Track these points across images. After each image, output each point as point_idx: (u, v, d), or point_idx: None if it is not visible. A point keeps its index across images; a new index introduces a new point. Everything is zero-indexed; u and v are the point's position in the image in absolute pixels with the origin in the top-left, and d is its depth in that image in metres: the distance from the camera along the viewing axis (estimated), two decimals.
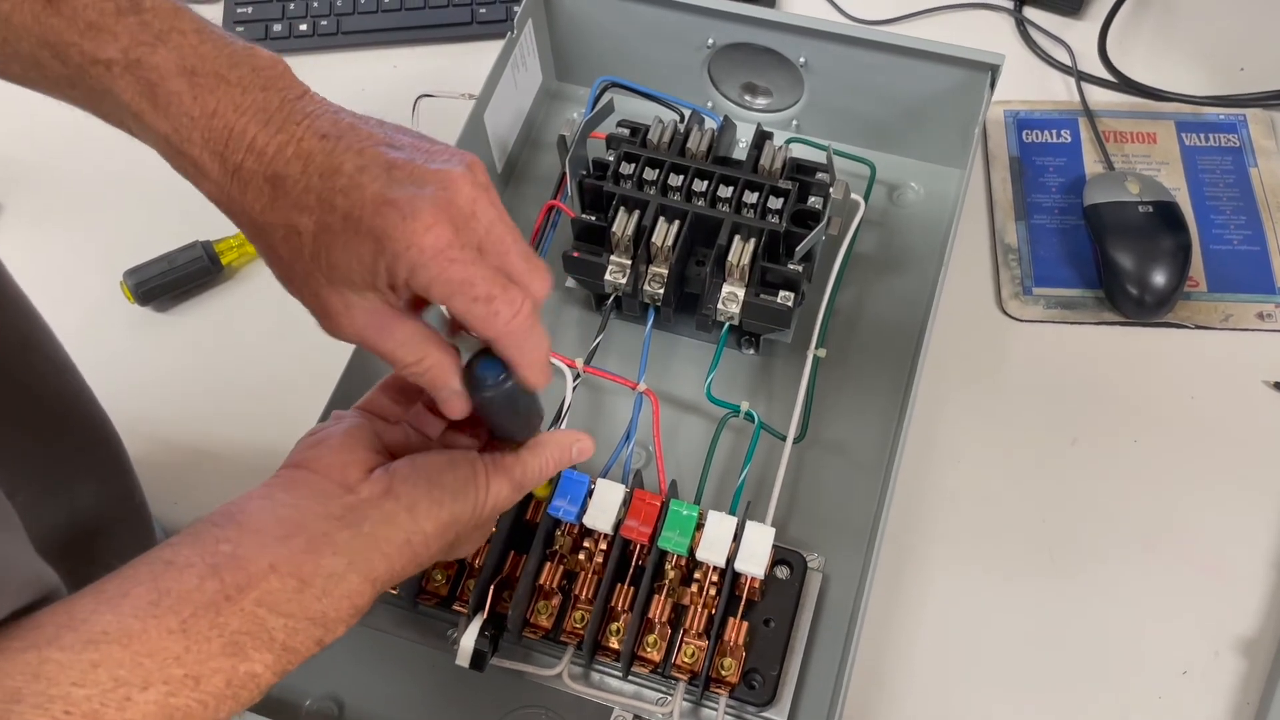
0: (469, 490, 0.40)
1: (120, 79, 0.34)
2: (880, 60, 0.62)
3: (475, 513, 0.40)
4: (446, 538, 0.40)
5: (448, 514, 0.39)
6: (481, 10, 0.79)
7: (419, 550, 0.39)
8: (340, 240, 0.34)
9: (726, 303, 0.57)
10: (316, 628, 0.36)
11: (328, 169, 0.34)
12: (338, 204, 0.34)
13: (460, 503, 0.40)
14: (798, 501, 0.58)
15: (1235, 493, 0.58)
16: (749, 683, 0.51)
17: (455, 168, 0.35)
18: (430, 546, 0.39)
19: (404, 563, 0.39)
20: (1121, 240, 0.63)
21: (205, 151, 0.34)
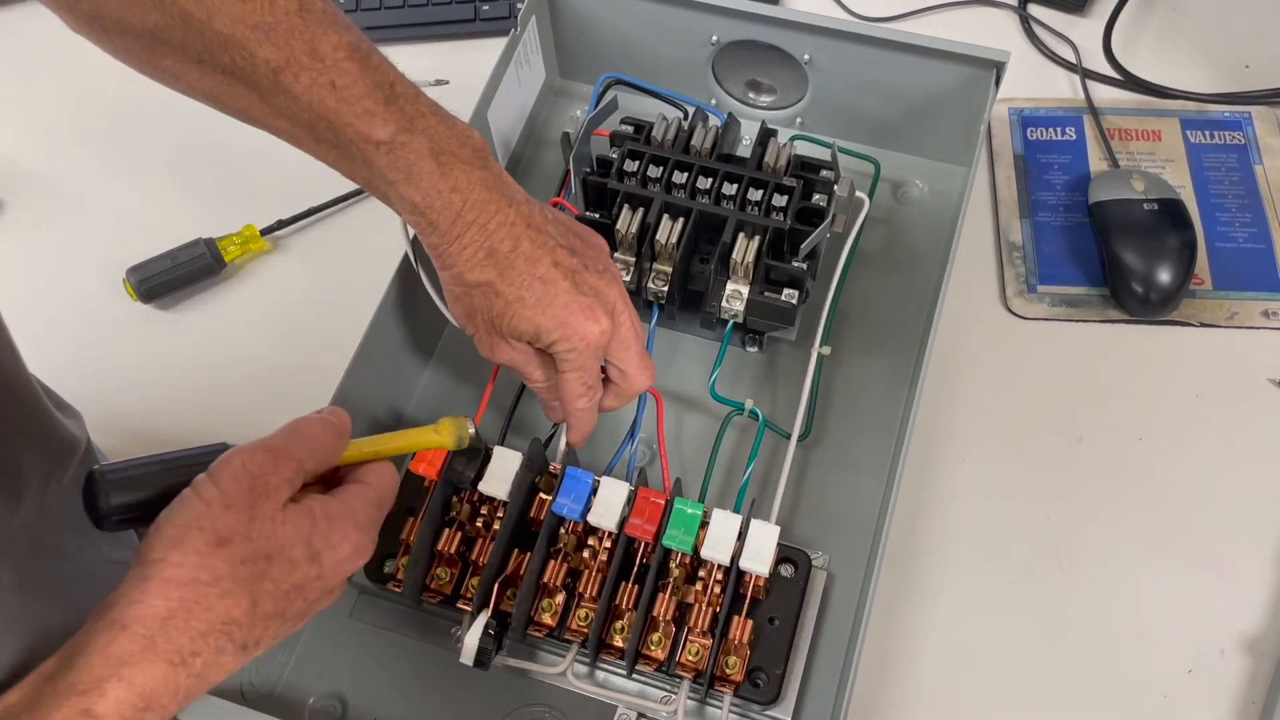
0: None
1: (385, 157, 0.44)
2: (885, 58, 0.62)
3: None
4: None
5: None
6: (485, 7, 0.79)
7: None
8: (529, 313, 0.47)
9: (731, 300, 0.57)
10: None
11: (531, 257, 0.47)
12: (535, 288, 0.47)
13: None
14: (802, 500, 0.58)
15: (1241, 491, 0.58)
16: (754, 681, 0.51)
17: (614, 283, 0.49)
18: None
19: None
20: (1126, 238, 0.63)
21: (443, 215, 0.45)
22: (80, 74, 0.80)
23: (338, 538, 0.40)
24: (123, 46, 0.44)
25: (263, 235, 0.69)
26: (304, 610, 0.40)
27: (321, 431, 0.42)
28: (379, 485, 0.43)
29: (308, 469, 0.40)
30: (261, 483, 0.38)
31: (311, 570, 0.39)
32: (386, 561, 0.54)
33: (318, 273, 0.70)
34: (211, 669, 0.36)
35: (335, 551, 0.40)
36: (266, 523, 0.38)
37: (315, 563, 0.39)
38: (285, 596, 0.38)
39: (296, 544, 0.38)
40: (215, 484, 0.38)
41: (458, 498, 0.54)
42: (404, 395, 0.62)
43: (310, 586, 0.39)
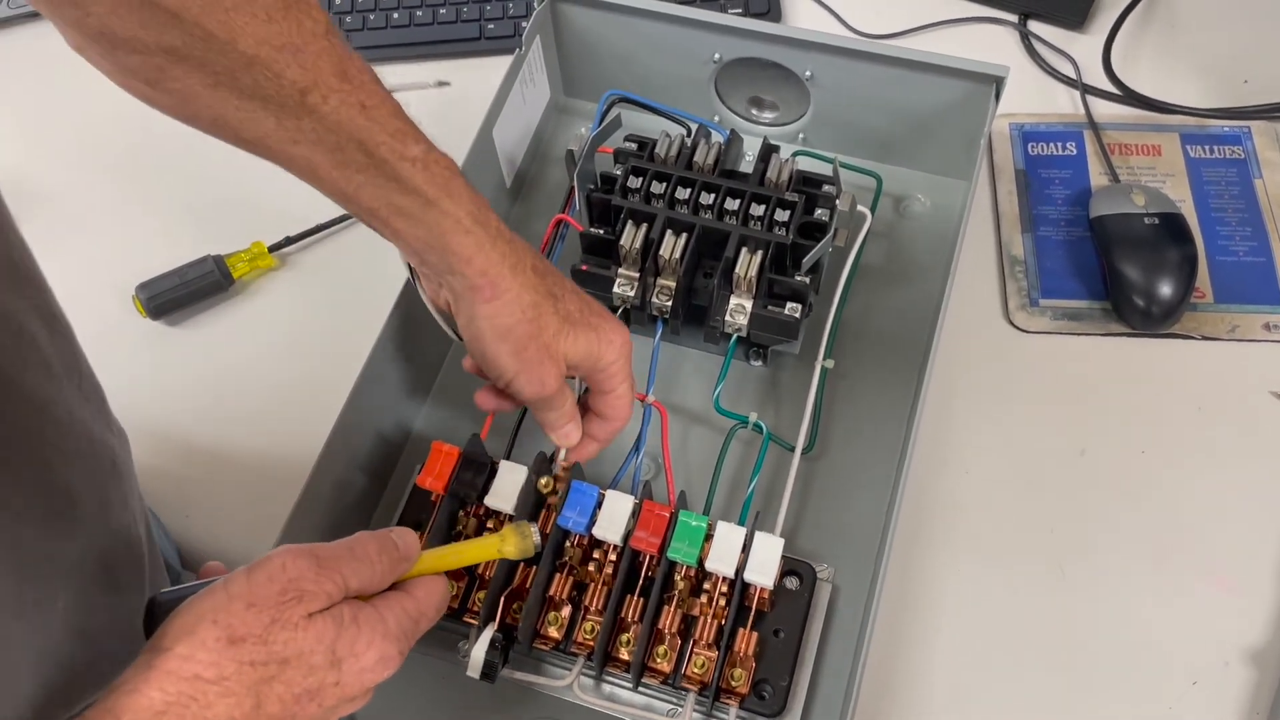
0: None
1: (422, 173, 0.44)
2: (886, 74, 0.63)
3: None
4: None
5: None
6: (490, 26, 0.80)
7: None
8: (583, 327, 0.49)
9: (734, 314, 0.58)
10: None
11: (560, 276, 0.50)
12: (577, 302, 0.50)
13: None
14: (807, 512, 0.58)
15: (1244, 503, 0.58)
16: (759, 693, 0.51)
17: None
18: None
19: None
20: (1127, 252, 0.64)
21: (490, 226, 0.46)
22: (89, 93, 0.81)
23: (363, 646, 0.38)
24: (130, 66, 0.41)
25: (271, 252, 0.70)
26: (320, 717, 0.38)
27: (377, 554, 0.40)
28: (422, 599, 0.42)
29: (351, 587, 0.39)
30: (295, 588, 0.37)
31: (330, 676, 0.37)
32: None
33: (325, 289, 0.70)
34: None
35: (358, 660, 0.38)
36: (288, 629, 0.36)
37: (335, 669, 0.37)
38: (296, 701, 0.37)
39: (318, 650, 0.37)
40: (247, 579, 0.37)
41: (464, 512, 0.55)
42: (411, 410, 0.63)
43: (327, 693, 0.37)
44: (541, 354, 0.48)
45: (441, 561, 0.45)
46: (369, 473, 0.59)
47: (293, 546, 0.38)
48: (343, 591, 0.38)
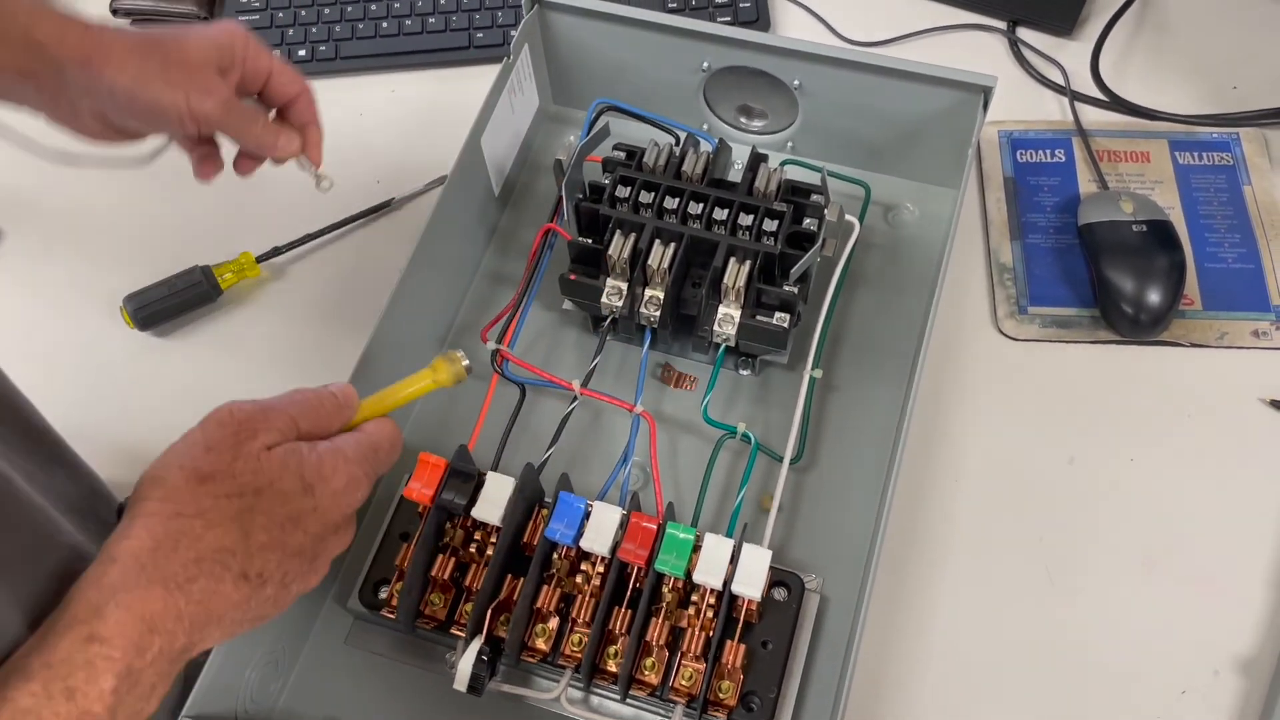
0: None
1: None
2: (874, 82, 0.63)
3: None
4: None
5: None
6: (479, 35, 0.80)
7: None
8: (191, 36, 0.51)
9: (722, 324, 0.58)
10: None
11: None
12: (172, 33, 0.51)
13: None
14: (795, 523, 0.58)
15: (1233, 511, 0.59)
16: (747, 705, 0.51)
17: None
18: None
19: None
20: (1116, 259, 0.64)
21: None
22: None
23: (328, 470, 0.40)
24: None
25: (259, 262, 0.70)
26: (309, 547, 0.40)
27: (319, 399, 0.43)
28: (373, 431, 0.44)
29: (301, 428, 0.41)
30: (248, 428, 0.39)
31: (306, 502, 0.39)
32: (381, 588, 0.54)
33: (313, 299, 0.70)
34: (214, 597, 0.37)
35: (327, 483, 0.40)
36: (251, 460, 0.39)
37: (309, 494, 0.39)
38: (281, 528, 0.39)
39: (285, 476, 0.39)
40: (200, 429, 0.39)
41: (451, 524, 0.54)
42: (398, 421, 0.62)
43: (308, 519, 0.40)
44: (185, 69, 0.49)
45: (381, 404, 0.46)
46: None
47: (237, 400, 0.40)
48: (294, 431, 0.41)
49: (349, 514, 0.42)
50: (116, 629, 0.34)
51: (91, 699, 0.33)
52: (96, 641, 0.34)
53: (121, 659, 0.34)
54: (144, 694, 0.35)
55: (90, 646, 0.34)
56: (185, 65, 0.50)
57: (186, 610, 0.36)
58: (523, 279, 0.62)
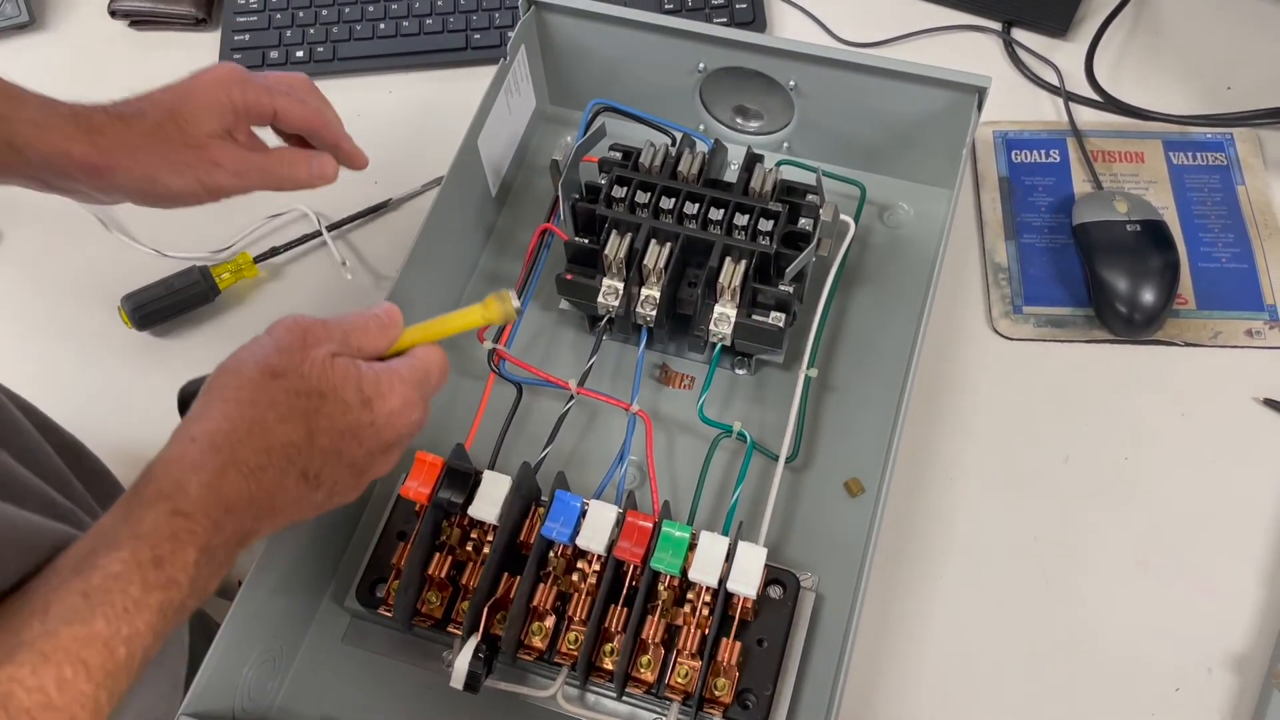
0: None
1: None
2: (869, 83, 0.63)
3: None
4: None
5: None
6: (476, 36, 0.80)
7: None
8: (187, 94, 0.52)
9: (718, 324, 0.58)
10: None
11: None
12: (169, 97, 0.52)
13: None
14: (791, 521, 0.58)
15: (1227, 509, 0.59)
16: (742, 703, 0.51)
17: None
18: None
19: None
20: (1110, 259, 0.64)
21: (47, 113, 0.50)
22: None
23: (385, 388, 0.42)
24: None
25: (256, 263, 0.70)
26: (361, 460, 0.42)
27: (366, 319, 0.44)
28: (422, 356, 0.45)
29: (352, 344, 0.42)
30: (313, 335, 0.41)
31: (364, 415, 0.41)
32: (378, 586, 0.55)
33: (311, 300, 0.70)
34: (278, 491, 0.39)
35: (385, 401, 0.42)
36: (317, 364, 0.40)
37: (367, 408, 0.41)
38: (341, 436, 0.40)
39: (347, 386, 0.40)
40: (269, 334, 0.41)
41: (448, 522, 0.55)
42: None
43: (365, 434, 0.41)
44: (189, 150, 0.51)
45: (428, 332, 0.47)
46: None
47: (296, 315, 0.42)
48: (346, 345, 0.42)
49: (403, 435, 0.43)
50: (199, 506, 0.36)
51: (177, 568, 0.35)
52: (181, 515, 0.36)
53: (203, 534, 0.36)
54: (215, 570, 0.37)
55: (175, 520, 0.36)
56: (188, 146, 0.50)
57: (257, 497, 0.38)
58: (519, 279, 0.62)
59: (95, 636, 0.33)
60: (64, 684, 0.32)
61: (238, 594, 0.50)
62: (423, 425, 0.44)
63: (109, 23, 0.84)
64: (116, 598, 0.34)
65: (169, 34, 0.84)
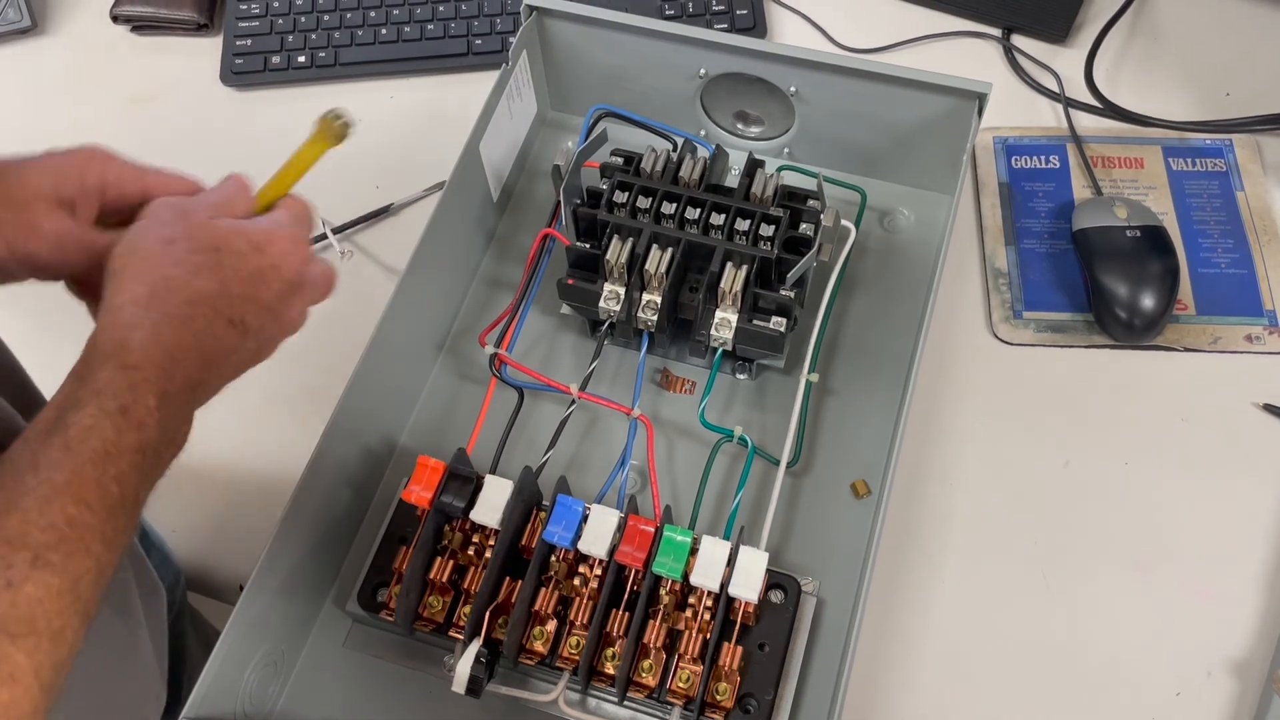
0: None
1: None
2: (870, 89, 0.63)
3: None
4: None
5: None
6: (477, 42, 0.80)
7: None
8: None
9: (719, 328, 0.58)
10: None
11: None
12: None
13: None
14: (792, 526, 0.59)
15: (1226, 514, 0.59)
16: (744, 707, 0.51)
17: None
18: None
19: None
20: (1110, 264, 0.64)
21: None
22: (81, 106, 0.81)
23: (270, 232, 0.43)
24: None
25: None
26: (276, 304, 0.43)
27: (223, 188, 0.45)
28: (289, 205, 0.46)
29: (223, 210, 0.43)
30: (186, 207, 0.43)
31: (261, 259, 0.42)
32: (379, 590, 0.55)
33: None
34: (211, 339, 0.40)
35: (274, 244, 0.43)
36: (201, 226, 0.42)
37: (260, 253, 0.42)
38: (249, 281, 0.42)
39: (235, 238, 0.42)
40: (146, 216, 0.42)
41: (450, 526, 0.55)
42: (397, 424, 0.63)
43: (269, 275, 0.42)
44: (8, 207, 0.44)
45: (282, 182, 0.48)
46: (354, 486, 0.59)
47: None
48: (213, 209, 0.43)
49: (302, 273, 0.44)
50: (144, 356, 0.38)
51: (142, 412, 0.37)
52: (132, 369, 0.37)
53: (156, 381, 0.38)
54: (178, 415, 0.39)
55: (128, 372, 0.37)
56: (8, 204, 0.43)
57: (194, 344, 0.39)
58: (521, 283, 0.62)
59: (86, 479, 0.35)
60: (72, 521, 0.34)
61: (240, 598, 0.50)
62: (313, 263, 0.45)
63: (111, 28, 0.84)
64: (95, 444, 0.36)
65: (171, 39, 0.84)
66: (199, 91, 0.81)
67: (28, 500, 0.34)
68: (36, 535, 0.33)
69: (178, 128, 0.79)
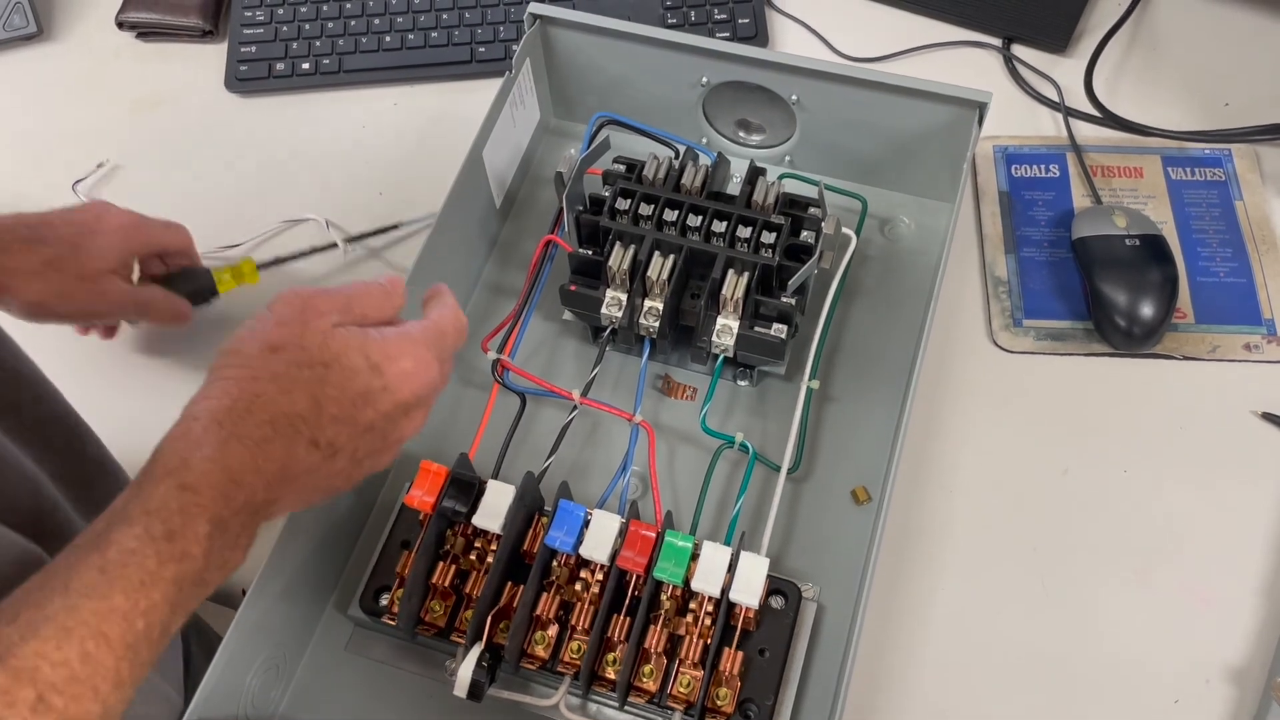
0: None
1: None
2: (870, 98, 0.64)
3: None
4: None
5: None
6: (481, 49, 0.81)
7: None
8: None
9: (721, 335, 0.58)
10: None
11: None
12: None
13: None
14: (793, 532, 0.59)
15: (1224, 522, 0.59)
16: (744, 713, 0.51)
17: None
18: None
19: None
20: (1109, 273, 0.65)
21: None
22: (86, 112, 0.82)
23: (394, 350, 0.42)
24: None
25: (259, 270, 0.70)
26: (380, 424, 0.42)
27: (369, 287, 0.44)
28: (436, 317, 0.45)
29: (355, 311, 0.42)
30: (313, 307, 0.41)
31: (375, 380, 0.41)
32: (382, 594, 0.55)
33: None
34: (288, 458, 0.39)
35: (395, 364, 0.42)
36: (319, 335, 0.40)
37: (377, 373, 0.41)
38: (352, 404, 0.40)
39: (351, 353, 0.41)
40: (269, 308, 0.41)
41: (452, 531, 0.55)
42: None
43: (378, 398, 0.41)
44: (83, 282, 0.59)
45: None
46: (357, 491, 0.59)
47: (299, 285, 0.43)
48: (350, 314, 0.42)
49: (421, 395, 0.43)
50: (204, 479, 0.37)
51: (189, 541, 0.36)
52: (188, 490, 0.36)
53: (211, 506, 0.37)
54: (231, 542, 0.38)
55: (183, 494, 0.36)
56: (81, 279, 0.58)
57: (264, 467, 0.38)
58: (523, 289, 0.63)
59: (114, 610, 0.34)
60: (87, 657, 0.33)
61: (242, 602, 0.50)
62: (442, 384, 0.45)
63: (116, 34, 0.85)
64: (132, 571, 0.35)
65: (176, 46, 0.85)
66: (203, 98, 0.81)
67: (47, 629, 0.33)
68: (46, 672, 0.32)
69: (182, 134, 0.80)
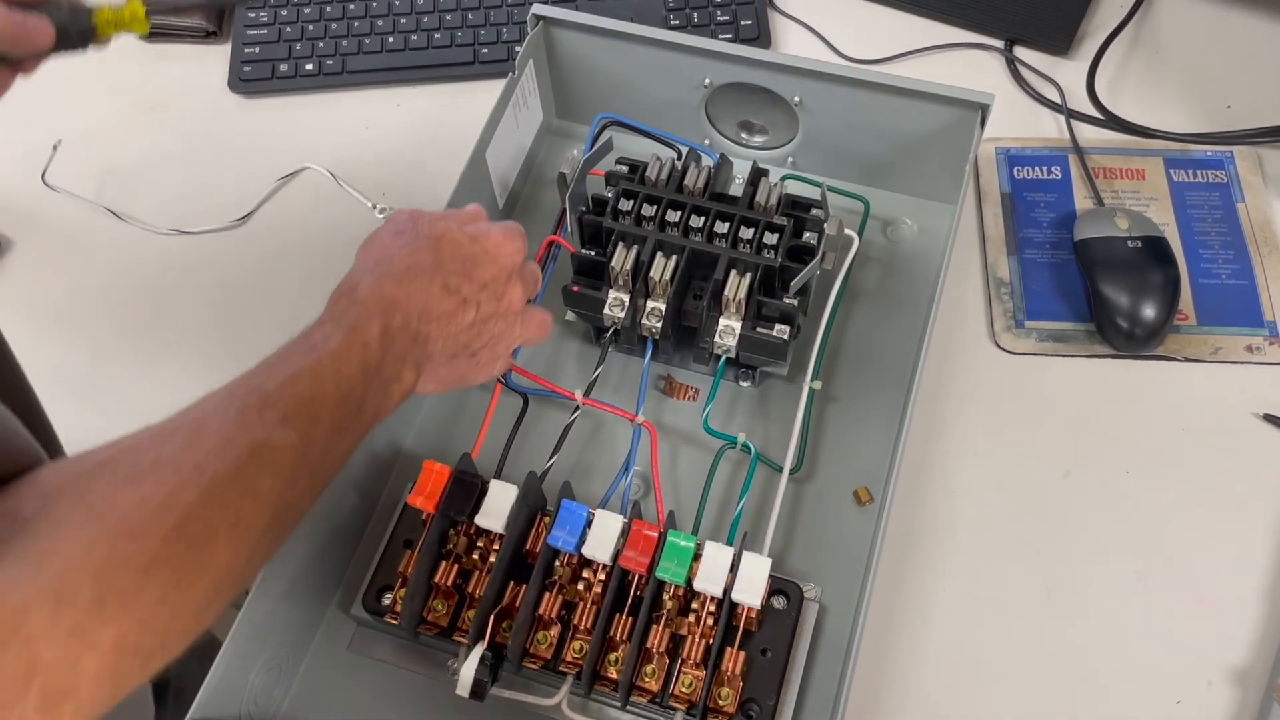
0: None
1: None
2: (873, 100, 0.64)
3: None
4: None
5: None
6: (484, 50, 0.81)
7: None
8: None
9: (723, 336, 0.58)
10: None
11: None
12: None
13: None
14: (795, 532, 0.59)
15: (1227, 524, 0.59)
16: (746, 712, 0.51)
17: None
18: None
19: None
20: (1111, 275, 0.65)
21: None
22: (86, 115, 0.82)
23: (484, 229, 0.51)
24: None
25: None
26: (492, 284, 0.49)
27: (452, 211, 0.52)
28: (502, 224, 0.53)
29: (449, 216, 0.51)
30: (417, 212, 0.50)
31: (477, 247, 0.49)
32: (384, 594, 0.55)
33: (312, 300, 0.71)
34: (430, 300, 0.46)
35: (489, 237, 0.50)
36: (426, 222, 0.50)
37: (477, 243, 0.50)
38: (465, 262, 0.48)
39: (453, 232, 0.49)
40: (383, 225, 0.50)
41: (455, 530, 0.55)
42: (403, 428, 0.63)
43: (483, 260, 0.49)
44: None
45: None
46: (360, 491, 0.59)
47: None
48: (448, 217, 0.51)
49: (516, 262, 0.51)
50: (370, 298, 0.45)
51: (368, 335, 0.44)
52: (359, 304, 0.44)
53: (379, 316, 0.44)
54: (399, 355, 0.45)
55: (355, 305, 0.44)
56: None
57: (413, 297, 0.46)
58: None
59: (324, 367, 0.42)
60: (310, 396, 0.41)
61: (245, 601, 0.51)
62: (525, 258, 0.52)
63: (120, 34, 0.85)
64: (332, 344, 0.43)
65: (180, 46, 0.85)
66: (207, 98, 0.82)
67: (276, 373, 0.41)
68: (288, 400, 0.40)
69: (185, 134, 0.80)
